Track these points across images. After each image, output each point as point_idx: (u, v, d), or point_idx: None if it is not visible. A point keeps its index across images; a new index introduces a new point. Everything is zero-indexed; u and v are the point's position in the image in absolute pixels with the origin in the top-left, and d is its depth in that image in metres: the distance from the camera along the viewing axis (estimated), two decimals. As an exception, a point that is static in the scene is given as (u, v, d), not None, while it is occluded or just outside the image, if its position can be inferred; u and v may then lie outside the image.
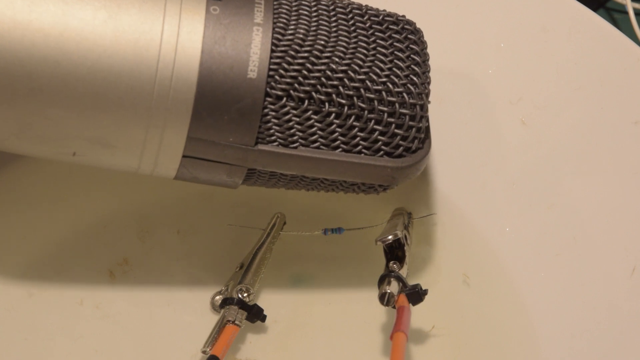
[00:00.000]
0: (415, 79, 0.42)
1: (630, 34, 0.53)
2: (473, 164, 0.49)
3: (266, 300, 0.45)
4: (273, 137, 0.41)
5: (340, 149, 0.41)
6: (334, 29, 0.41)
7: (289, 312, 0.46)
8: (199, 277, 0.46)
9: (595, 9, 0.59)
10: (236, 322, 0.43)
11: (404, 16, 0.43)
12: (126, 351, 0.44)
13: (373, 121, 0.41)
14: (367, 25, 0.42)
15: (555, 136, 0.48)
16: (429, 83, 0.42)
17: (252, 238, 0.46)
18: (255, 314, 0.44)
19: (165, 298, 0.46)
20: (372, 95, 0.41)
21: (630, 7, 0.57)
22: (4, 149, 0.41)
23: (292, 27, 0.41)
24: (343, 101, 0.41)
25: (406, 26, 0.42)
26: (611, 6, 0.61)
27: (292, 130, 0.41)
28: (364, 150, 0.42)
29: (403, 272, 0.43)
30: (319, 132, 0.41)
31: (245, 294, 0.44)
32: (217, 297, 0.45)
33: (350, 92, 0.41)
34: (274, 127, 0.40)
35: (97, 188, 0.47)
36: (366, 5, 0.43)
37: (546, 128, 0.48)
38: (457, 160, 0.49)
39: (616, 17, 0.61)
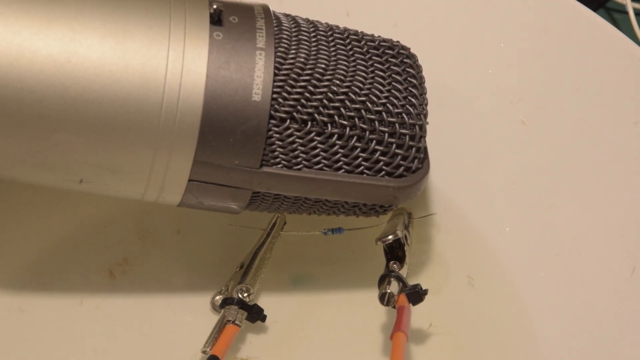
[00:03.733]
0: (413, 100, 0.42)
1: (630, 34, 0.53)
2: (473, 164, 0.49)
3: (266, 300, 0.45)
4: (277, 159, 0.41)
5: (342, 170, 0.42)
6: (333, 53, 0.42)
7: (289, 312, 0.46)
8: (199, 277, 0.46)
9: (595, 9, 0.59)
10: (236, 322, 0.43)
11: (398, 42, 0.44)
12: (126, 351, 0.44)
13: (374, 142, 0.42)
14: (365, 50, 0.43)
15: (555, 136, 0.48)
16: (426, 104, 0.43)
17: (252, 238, 0.46)
18: (256, 314, 0.44)
19: (165, 298, 0.46)
20: (372, 117, 0.41)
21: (630, 7, 0.57)
22: (11, 179, 0.41)
23: (293, 51, 0.41)
24: (345, 122, 0.41)
25: (401, 51, 0.43)
26: (611, 6, 0.61)
27: (295, 152, 0.41)
28: (365, 170, 0.42)
29: (403, 272, 0.43)
30: (322, 153, 0.41)
31: (245, 294, 0.44)
32: (217, 297, 0.45)
33: (352, 114, 0.41)
34: (278, 149, 0.41)
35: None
36: (362, 32, 0.43)
37: (546, 128, 0.48)
38: (457, 160, 0.49)
39: (616, 17, 0.61)
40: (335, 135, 0.41)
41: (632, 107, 0.47)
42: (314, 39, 0.42)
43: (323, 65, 0.41)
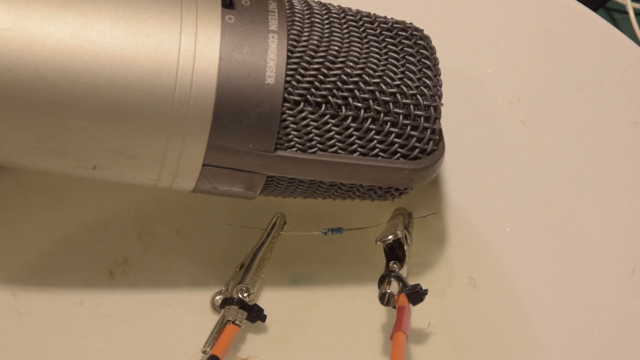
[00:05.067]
0: (427, 81, 0.42)
1: (630, 34, 0.53)
2: (473, 164, 0.49)
3: (266, 300, 0.45)
4: (292, 143, 0.41)
5: (357, 153, 0.42)
6: (346, 35, 0.42)
7: (289, 312, 0.46)
8: (199, 277, 0.46)
9: (595, 9, 0.59)
10: (236, 322, 0.43)
11: (411, 23, 0.44)
12: (126, 351, 0.44)
13: (389, 123, 0.42)
14: (378, 32, 0.43)
15: (555, 136, 0.48)
16: (440, 86, 0.43)
17: (252, 238, 0.46)
18: (256, 314, 0.44)
19: (165, 298, 0.46)
20: (387, 98, 0.41)
21: (630, 7, 0.57)
22: (25, 166, 0.41)
23: (306, 34, 0.41)
24: (359, 104, 0.41)
25: (415, 32, 0.43)
26: (611, 6, 0.61)
27: (310, 135, 0.41)
28: (380, 153, 0.42)
29: (403, 272, 0.43)
30: (336, 136, 0.41)
31: (245, 294, 0.44)
32: (217, 297, 0.45)
33: (366, 96, 0.41)
34: (292, 132, 0.41)
35: (97, 188, 0.47)
36: (375, 14, 0.43)
37: (546, 128, 0.48)
38: (457, 160, 0.49)
39: (616, 17, 0.61)
40: (350, 118, 0.41)
41: (632, 107, 0.47)
42: (326, 22, 0.42)
43: (336, 48, 0.41)
